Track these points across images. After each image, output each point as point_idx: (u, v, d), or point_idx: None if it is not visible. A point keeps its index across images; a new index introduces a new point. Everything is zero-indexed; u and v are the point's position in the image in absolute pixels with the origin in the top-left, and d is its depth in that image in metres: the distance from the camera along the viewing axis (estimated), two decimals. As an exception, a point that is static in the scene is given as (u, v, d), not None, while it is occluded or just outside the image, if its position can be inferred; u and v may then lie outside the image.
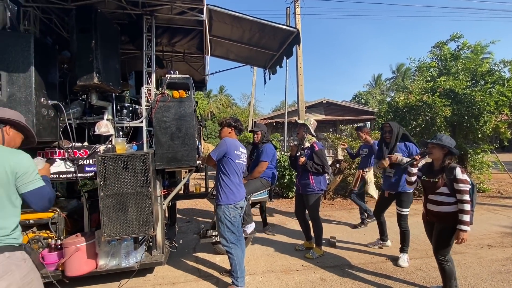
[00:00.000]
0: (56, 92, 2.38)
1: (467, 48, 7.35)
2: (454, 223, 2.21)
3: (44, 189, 1.43)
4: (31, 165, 1.42)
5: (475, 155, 7.03)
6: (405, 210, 3.18)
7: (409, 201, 3.21)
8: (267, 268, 3.15)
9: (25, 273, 1.34)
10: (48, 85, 2.27)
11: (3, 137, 1.44)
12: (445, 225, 2.29)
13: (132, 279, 2.81)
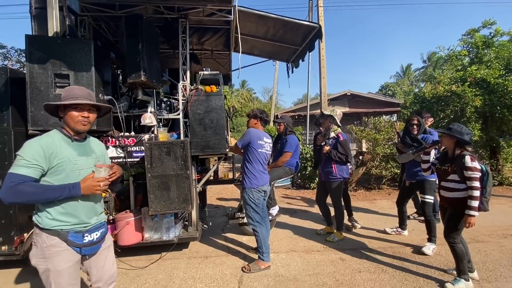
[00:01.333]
0: (109, 89, 2.79)
1: (500, 35, 6.94)
2: (463, 209, 2.31)
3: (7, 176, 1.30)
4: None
5: (507, 147, 6.71)
6: (428, 197, 3.26)
7: (431, 189, 3.28)
8: (290, 248, 3.42)
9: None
10: (103, 82, 2.68)
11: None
12: (455, 210, 2.40)
13: (171, 252, 3.23)
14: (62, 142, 1.43)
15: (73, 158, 1.43)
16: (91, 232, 1.48)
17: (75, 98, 1.44)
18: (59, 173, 1.39)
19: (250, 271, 2.81)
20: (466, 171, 2.28)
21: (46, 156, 1.34)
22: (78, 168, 1.45)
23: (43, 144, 1.35)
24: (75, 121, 1.44)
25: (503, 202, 5.26)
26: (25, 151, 1.32)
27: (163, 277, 2.79)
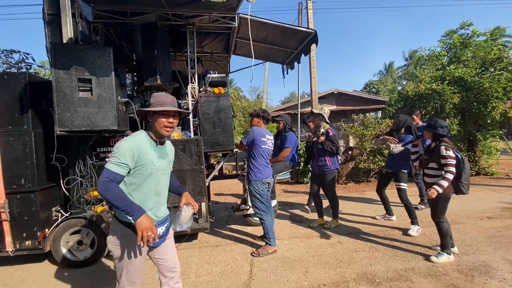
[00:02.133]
0: (125, 91, 2.99)
1: (476, 35, 7.54)
2: (444, 192, 2.68)
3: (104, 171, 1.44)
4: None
5: (483, 140, 7.32)
6: (402, 184, 3.68)
7: (405, 178, 3.71)
8: (292, 235, 3.75)
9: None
10: (121, 86, 2.88)
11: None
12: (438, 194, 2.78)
13: (183, 243, 3.47)
14: (148, 145, 1.54)
15: (154, 161, 1.54)
16: (158, 227, 1.57)
17: (162, 105, 1.54)
18: (140, 173, 1.50)
19: (259, 255, 3.10)
20: (442, 159, 2.67)
21: (134, 156, 1.45)
22: (156, 170, 1.56)
23: (134, 145, 1.47)
24: (161, 126, 1.54)
25: (480, 190, 5.81)
26: (119, 150, 1.44)
27: (180, 264, 3.00)
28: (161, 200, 1.65)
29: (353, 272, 2.66)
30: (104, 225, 3.13)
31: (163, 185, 1.65)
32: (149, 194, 1.56)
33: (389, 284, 2.43)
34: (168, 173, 1.70)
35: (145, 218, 1.39)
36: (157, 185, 1.59)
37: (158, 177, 1.59)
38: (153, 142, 1.58)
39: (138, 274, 1.60)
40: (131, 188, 1.52)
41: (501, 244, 3.12)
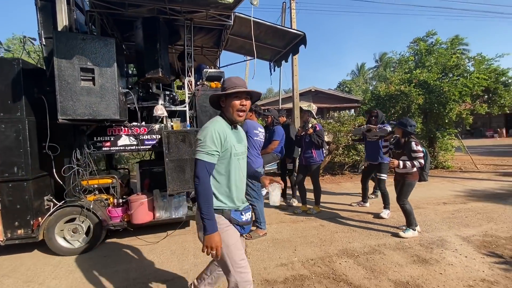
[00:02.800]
0: (125, 82, 3.06)
1: (439, 44, 8.40)
2: (410, 180, 3.20)
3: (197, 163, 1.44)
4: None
5: (442, 138, 8.25)
6: (383, 175, 4.19)
7: (386, 169, 4.21)
8: (279, 220, 4.08)
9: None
10: (121, 76, 2.95)
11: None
12: (405, 181, 3.29)
13: (176, 230, 3.64)
14: (228, 129, 1.52)
15: (235, 145, 1.51)
16: (246, 212, 1.58)
17: (234, 88, 1.49)
18: (225, 159, 1.48)
19: (252, 238, 3.39)
20: (413, 153, 3.15)
21: (221, 141, 1.44)
22: (237, 155, 1.52)
23: (218, 130, 1.44)
24: (235, 109, 1.49)
25: (438, 181, 6.62)
26: (206, 138, 1.42)
27: (177, 248, 3.22)
28: (243, 186, 1.60)
29: (335, 249, 3.05)
30: (100, 213, 3.20)
31: (243, 170, 1.61)
32: (233, 179, 1.52)
33: (365, 257, 2.85)
34: (245, 157, 1.65)
35: (217, 236, 1.38)
36: (240, 170, 1.55)
37: (240, 161, 1.55)
38: (230, 126, 1.55)
39: (243, 258, 1.52)
40: (216, 174, 1.49)
41: (453, 224, 3.71)
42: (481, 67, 7.83)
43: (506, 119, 23.27)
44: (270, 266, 2.71)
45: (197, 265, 2.79)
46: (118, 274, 2.65)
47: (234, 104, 1.50)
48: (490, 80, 7.60)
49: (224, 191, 1.52)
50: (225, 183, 1.51)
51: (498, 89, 7.71)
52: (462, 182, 6.48)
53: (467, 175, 7.38)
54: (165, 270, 2.71)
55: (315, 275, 2.53)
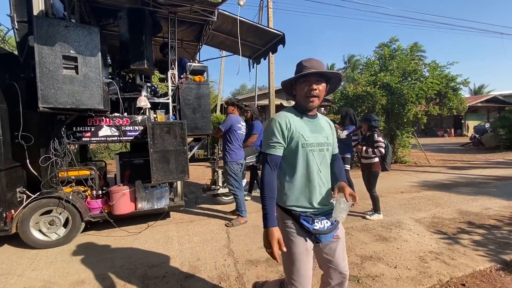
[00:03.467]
0: (107, 72, 3.04)
1: (400, 50, 9.25)
2: (374, 170, 3.64)
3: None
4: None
5: (401, 136, 9.14)
6: (346, 166, 4.62)
7: (348, 161, 4.66)
8: (257, 209, 4.32)
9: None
10: (104, 66, 2.93)
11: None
12: (370, 171, 3.73)
13: (157, 221, 3.70)
14: (295, 117, 1.38)
15: (305, 134, 1.35)
16: (321, 219, 1.34)
17: (303, 70, 1.33)
18: (291, 149, 1.34)
19: (233, 226, 3.58)
20: (375, 143, 3.59)
21: (285, 131, 1.33)
22: (309, 145, 1.35)
23: (282, 119, 1.34)
24: (303, 95, 1.35)
25: (396, 174, 7.38)
26: (269, 130, 1.35)
27: (161, 237, 3.30)
28: (319, 185, 1.36)
29: (310, 232, 3.37)
30: (79, 204, 3.15)
31: (321, 165, 1.38)
32: (304, 175, 1.35)
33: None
34: (327, 151, 1.42)
35: (274, 232, 1.23)
36: (311, 164, 1.34)
37: (313, 154, 1.35)
38: (301, 115, 1.40)
39: (302, 273, 1.33)
40: (286, 168, 1.37)
41: (409, 209, 4.26)
42: (435, 73, 8.79)
43: (454, 120, 26.13)
44: (252, 249, 2.94)
45: (182, 251, 2.91)
46: (103, 263, 2.68)
47: (303, 89, 1.34)
48: (441, 85, 8.58)
49: (294, 188, 1.35)
50: (294, 178, 1.34)
51: (448, 93, 8.72)
52: (416, 174, 7.31)
53: (421, 168, 8.31)
54: (151, 256, 2.80)
55: (293, 254, 2.81)
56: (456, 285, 2.27)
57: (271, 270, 2.52)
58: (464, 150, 13.90)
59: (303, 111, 1.41)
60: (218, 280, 2.36)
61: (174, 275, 2.47)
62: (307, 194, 1.35)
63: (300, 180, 1.35)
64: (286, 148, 1.35)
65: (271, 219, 1.26)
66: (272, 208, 1.28)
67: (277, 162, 1.34)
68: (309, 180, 1.35)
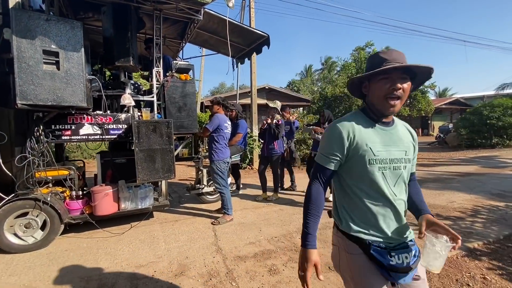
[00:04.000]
0: (90, 68, 2.94)
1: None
2: None
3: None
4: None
5: (375, 135, 9.67)
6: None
7: None
8: (243, 207, 4.40)
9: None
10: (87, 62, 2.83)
11: None
12: None
13: (141, 222, 3.63)
14: (363, 125, 1.08)
15: (375, 147, 1.05)
16: (398, 253, 1.04)
17: (384, 64, 1.00)
18: (356, 166, 1.07)
19: (220, 223, 3.62)
20: None
21: (345, 143, 1.06)
22: (379, 162, 1.05)
23: (345, 128, 1.07)
24: (381, 95, 1.03)
25: (371, 171, 7.82)
26: (325, 137, 1.12)
27: (146, 237, 3.26)
28: (392, 211, 1.07)
29: (294, 227, 3.51)
30: (58, 206, 3.02)
31: (395, 187, 1.08)
32: (370, 197, 1.07)
33: (319, 232, 3.37)
34: (404, 169, 1.10)
35: (310, 254, 1.03)
36: (381, 185, 1.05)
37: (385, 173, 1.06)
38: (371, 121, 1.10)
39: None
40: (349, 186, 1.11)
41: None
42: (405, 77, 9.40)
43: (421, 121, 27.97)
44: (240, 245, 3.01)
45: (170, 250, 2.91)
46: (87, 264, 2.61)
47: (382, 88, 1.03)
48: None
49: (360, 212, 1.09)
50: (360, 200, 1.08)
51: (417, 96, 9.39)
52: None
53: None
54: (138, 257, 2.77)
55: (280, 249, 2.92)
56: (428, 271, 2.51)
57: (259, 265, 2.61)
58: (430, 148, 14.99)
59: (378, 116, 1.10)
60: (209, 277, 2.41)
61: (163, 274, 2.47)
62: (377, 221, 1.06)
63: (368, 204, 1.07)
64: (346, 162, 1.09)
65: (311, 240, 1.05)
66: (314, 227, 1.08)
67: (329, 177, 1.11)
68: (379, 205, 1.06)
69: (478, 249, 2.90)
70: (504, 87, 24.05)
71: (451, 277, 2.40)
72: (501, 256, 2.74)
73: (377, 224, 1.07)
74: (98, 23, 3.90)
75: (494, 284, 2.28)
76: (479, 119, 13.92)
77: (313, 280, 2.31)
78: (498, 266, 2.55)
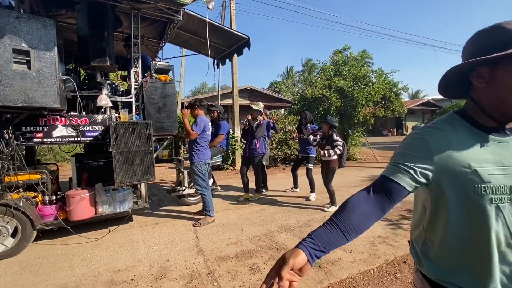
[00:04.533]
0: (64, 68, 2.83)
1: (352, 57, 10.15)
2: (332, 166, 4.03)
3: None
4: None
5: (352, 135, 10.04)
6: (310, 165, 4.99)
7: (313, 160, 5.04)
8: (224, 208, 4.41)
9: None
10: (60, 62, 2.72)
11: None
12: (328, 167, 4.11)
13: (119, 226, 3.54)
14: (465, 136, 0.77)
15: (484, 170, 0.72)
16: None
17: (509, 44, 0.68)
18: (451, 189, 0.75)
19: (201, 225, 3.62)
20: (334, 142, 3.96)
21: (428, 156, 0.76)
22: (492, 192, 0.71)
23: (433, 138, 0.77)
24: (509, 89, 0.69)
25: (350, 170, 8.11)
26: (406, 147, 0.81)
27: (125, 241, 3.19)
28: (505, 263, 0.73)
29: (275, 226, 3.59)
30: (30, 211, 2.88)
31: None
32: (470, 237, 0.75)
33: (299, 229, 3.47)
34: None
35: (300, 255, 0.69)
36: (492, 225, 0.72)
37: (501, 208, 0.72)
38: (480, 131, 0.77)
39: None
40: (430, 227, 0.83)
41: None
42: (381, 79, 9.85)
43: (396, 121, 29.35)
44: (222, 246, 3.03)
45: (150, 254, 2.87)
46: (62, 272, 2.52)
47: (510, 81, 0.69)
48: (386, 90, 9.65)
49: (451, 253, 0.78)
50: (454, 238, 0.77)
51: (391, 97, 9.85)
52: (366, 170, 8.14)
53: (370, 164, 9.25)
54: (116, 261, 2.71)
55: (261, 248, 2.98)
56: (399, 262, 2.68)
57: (241, 264, 2.65)
58: (404, 147, 15.74)
59: (499, 122, 0.75)
60: (190, 278, 2.42)
61: (143, 277, 2.44)
62: (477, 272, 0.75)
63: (465, 246, 0.76)
64: (435, 187, 0.77)
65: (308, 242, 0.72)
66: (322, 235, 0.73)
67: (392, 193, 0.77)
68: (484, 251, 0.73)
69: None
70: (469, 90, 25.84)
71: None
72: None
73: (474, 276, 0.75)
74: (72, 20, 3.75)
75: None
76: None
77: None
78: None
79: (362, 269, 2.55)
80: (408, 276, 2.45)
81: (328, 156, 4.01)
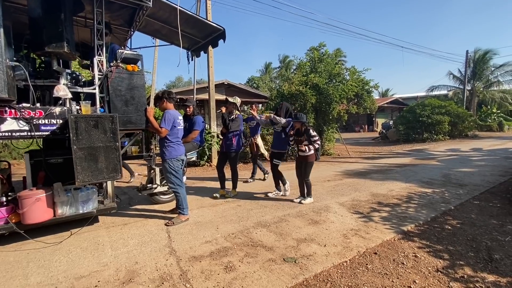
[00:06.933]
0: (12, 53, 2.50)
1: (327, 55, 10.33)
2: (310, 161, 4.07)
3: None
4: None
5: (327, 131, 10.28)
6: (277, 161, 4.83)
7: (281, 156, 4.92)
8: (199, 205, 4.27)
9: None
10: (8, 46, 2.40)
11: None
12: (306, 162, 4.14)
13: (83, 228, 3.27)
14: None
15: None
16: None
17: None
18: None
19: (174, 224, 3.45)
20: (311, 138, 4.00)
21: None
22: None
23: None
24: None
25: (323, 165, 8.31)
26: None
27: (89, 244, 2.95)
28: None
29: (251, 223, 3.53)
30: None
31: None
32: None
33: (275, 225, 3.45)
34: None
35: None
36: None
37: None
38: None
39: None
40: None
41: (334, 194, 4.89)
42: (354, 77, 10.15)
43: (367, 118, 30.69)
44: (196, 245, 2.91)
45: (117, 256, 2.68)
46: (14, 281, 2.26)
47: None
48: (359, 88, 9.97)
49: None
50: None
51: (363, 95, 10.21)
52: (339, 164, 8.38)
53: (343, 159, 9.55)
54: (78, 267, 2.49)
55: (237, 245, 2.91)
56: (371, 254, 2.76)
57: (215, 263, 2.56)
58: (374, 143, 16.56)
59: None
60: (161, 281, 2.28)
61: (108, 283, 2.26)
62: None
63: None
64: None
65: None
66: None
67: None
68: None
69: (411, 231, 3.29)
70: (433, 89, 27.84)
71: (389, 257, 2.67)
72: (429, 236, 3.15)
73: None
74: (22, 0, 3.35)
75: (423, 260, 2.61)
76: (413, 116, 16.01)
77: (268, 271, 2.38)
78: (426, 245, 2.93)
79: (336, 262, 2.58)
80: (379, 266, 2.52)
81: (308, 151, 4.06)
